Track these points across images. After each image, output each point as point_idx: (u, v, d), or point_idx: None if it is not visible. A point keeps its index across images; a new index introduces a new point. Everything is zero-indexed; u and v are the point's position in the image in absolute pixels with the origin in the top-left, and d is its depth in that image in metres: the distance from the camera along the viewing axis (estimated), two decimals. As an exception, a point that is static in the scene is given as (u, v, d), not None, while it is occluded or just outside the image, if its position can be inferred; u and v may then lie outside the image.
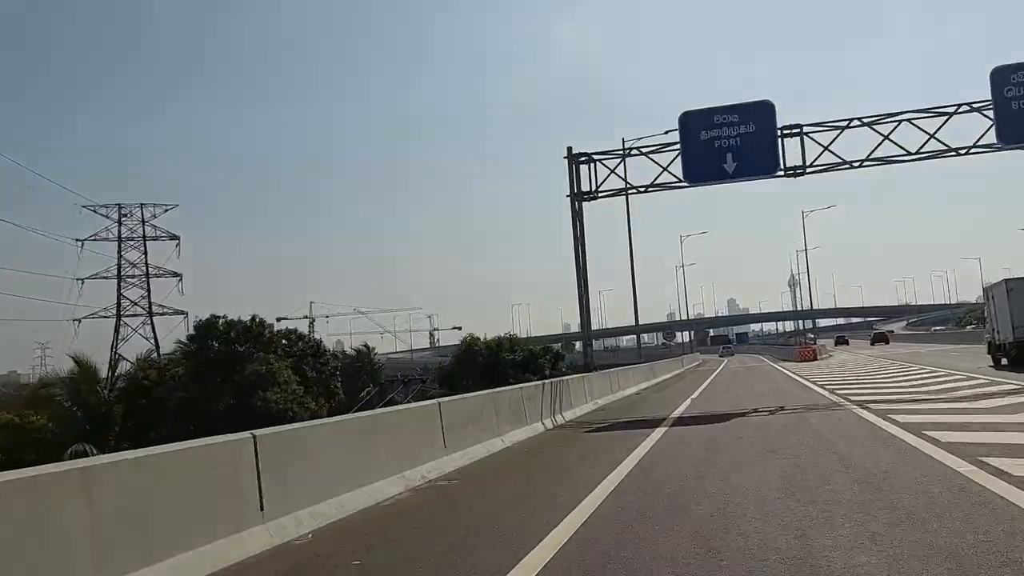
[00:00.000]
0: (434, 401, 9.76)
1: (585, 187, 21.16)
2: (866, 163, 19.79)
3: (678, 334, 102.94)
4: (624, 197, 26.32)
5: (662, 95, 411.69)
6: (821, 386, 20.96)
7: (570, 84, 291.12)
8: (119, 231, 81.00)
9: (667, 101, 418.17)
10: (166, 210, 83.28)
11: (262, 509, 5.72)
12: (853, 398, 15.95)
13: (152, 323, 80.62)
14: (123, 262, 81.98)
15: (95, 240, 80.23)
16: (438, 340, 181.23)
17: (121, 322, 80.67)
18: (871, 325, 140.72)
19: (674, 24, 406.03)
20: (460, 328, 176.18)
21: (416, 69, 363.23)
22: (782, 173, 19.80)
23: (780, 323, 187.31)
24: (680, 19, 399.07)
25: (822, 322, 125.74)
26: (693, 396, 21.12)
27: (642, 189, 21.43)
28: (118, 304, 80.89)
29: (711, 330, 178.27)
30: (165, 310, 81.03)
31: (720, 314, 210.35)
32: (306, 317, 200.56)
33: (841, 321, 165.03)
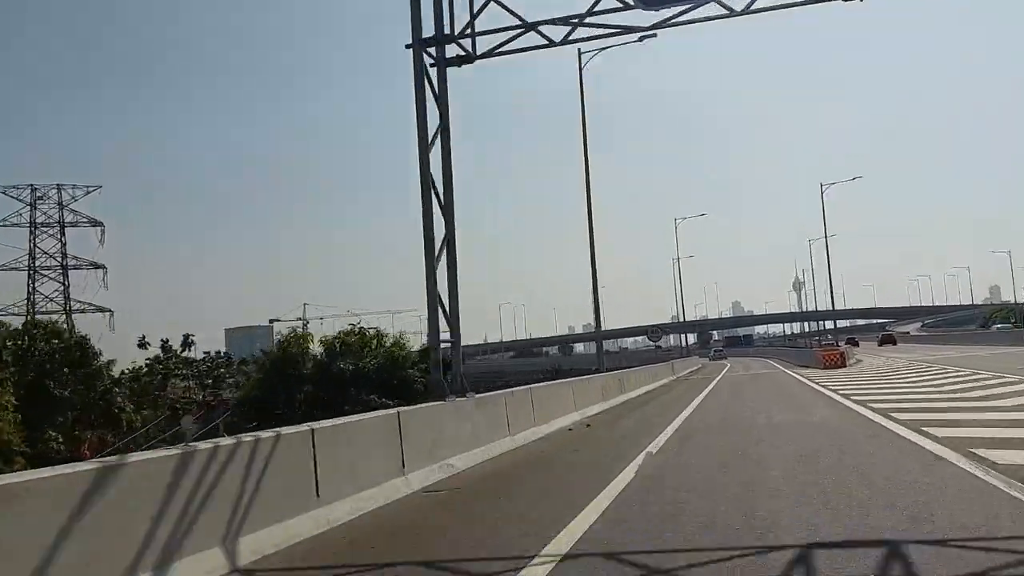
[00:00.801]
0: None
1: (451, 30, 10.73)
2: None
3: (673, 336, 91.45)
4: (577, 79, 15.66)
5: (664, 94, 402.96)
6: (905, 423, 10.43)
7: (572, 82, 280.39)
8: (32, 215, 70.91)
9: (668, 97, 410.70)
10: (88, 192, 73.27)
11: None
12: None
13: (70, 321, 70.04)
14: (44, 251, 71.86)
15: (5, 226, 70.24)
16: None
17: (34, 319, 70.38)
18: (883, 327, 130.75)
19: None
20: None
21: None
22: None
23: (788, 325, 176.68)
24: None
25: (829, 323, 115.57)
26: (652, 448, 10.49)
27: (558, 22, 10.88)
28: (30, 299, 70.70)
29: (716, 332, 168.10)
30: (86, 307, 70.80)
31: (724, 316, 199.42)
32: (299, 319, 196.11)
33: (846, 323, 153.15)
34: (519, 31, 10.54)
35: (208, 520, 5.22)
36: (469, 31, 10.61)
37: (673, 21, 10.16)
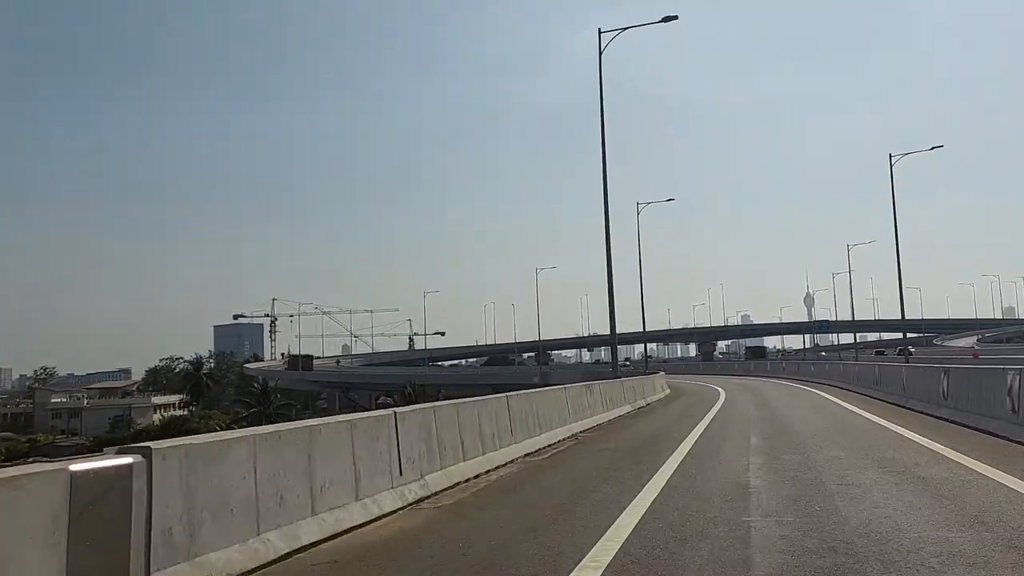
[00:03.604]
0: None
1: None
2: None
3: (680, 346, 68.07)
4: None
5: (677, 100, 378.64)
6: None
7: (578, 91, 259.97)
8: None
9: (683, 106, 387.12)
10: None
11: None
12: None
13: None
14: None
15: None
16: (414, 346, 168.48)
17: None
18: (931, 341, 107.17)
19: (689, 31, 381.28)
20: (444, 334, 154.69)
21: (416, 71, 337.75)
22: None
23: (805, 336, 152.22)
24: (695, 26, 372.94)
25: (845, 336, 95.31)
26: None
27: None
28: None
29: (722, 343, 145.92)
30: None
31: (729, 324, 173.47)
32: (267, 316, 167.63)
33: (851, 337, 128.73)
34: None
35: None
36: None
37: None
